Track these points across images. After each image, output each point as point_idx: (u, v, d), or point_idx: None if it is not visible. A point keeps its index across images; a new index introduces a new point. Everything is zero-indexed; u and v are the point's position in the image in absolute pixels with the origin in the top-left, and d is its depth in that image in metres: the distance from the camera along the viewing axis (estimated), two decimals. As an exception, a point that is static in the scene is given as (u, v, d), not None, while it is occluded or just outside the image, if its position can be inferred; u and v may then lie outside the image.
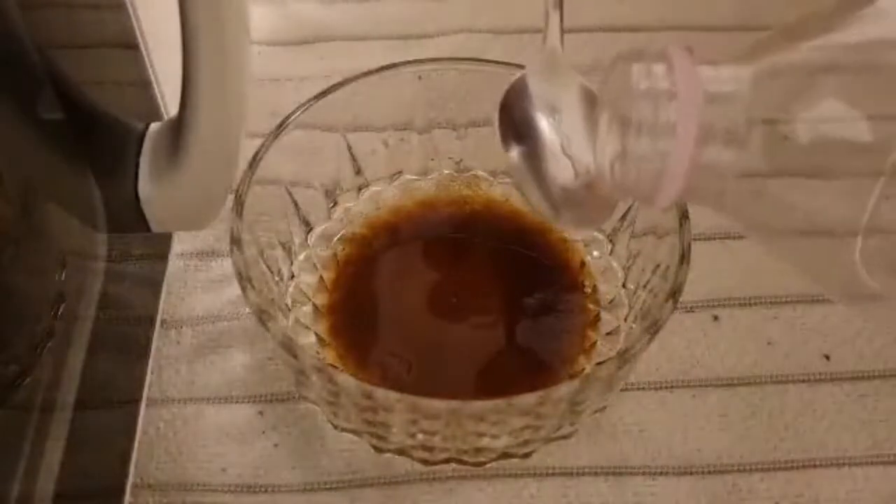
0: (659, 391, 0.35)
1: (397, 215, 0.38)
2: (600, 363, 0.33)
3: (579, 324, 0.34)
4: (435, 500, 0.32)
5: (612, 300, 0.35)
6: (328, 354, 0.34)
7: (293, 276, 0.35)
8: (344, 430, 0.32)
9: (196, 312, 0.37)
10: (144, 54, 0.34)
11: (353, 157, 0.37)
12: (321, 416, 0.33)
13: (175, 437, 0.33)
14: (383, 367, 0.33)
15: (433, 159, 0.38)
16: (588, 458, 0.33)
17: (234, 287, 0.30)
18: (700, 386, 0.35)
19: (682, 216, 0.30)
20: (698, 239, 0.30)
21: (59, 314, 0.26)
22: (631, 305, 0.33)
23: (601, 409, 0.33)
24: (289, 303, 0.34)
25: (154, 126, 0.29)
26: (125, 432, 0.33)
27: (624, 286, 0.34)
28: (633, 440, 0.33)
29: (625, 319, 0.34)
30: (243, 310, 0.37)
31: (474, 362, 0.34)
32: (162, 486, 0.32)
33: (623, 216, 0.35)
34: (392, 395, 0.27)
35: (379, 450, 0.32)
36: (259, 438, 0.34)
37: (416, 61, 0.35)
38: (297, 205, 0.35)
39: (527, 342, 0.34)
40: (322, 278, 0.36)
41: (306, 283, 0.35)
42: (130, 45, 0.33)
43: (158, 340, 0.36)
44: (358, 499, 0.32)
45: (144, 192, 0.28)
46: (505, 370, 0.33)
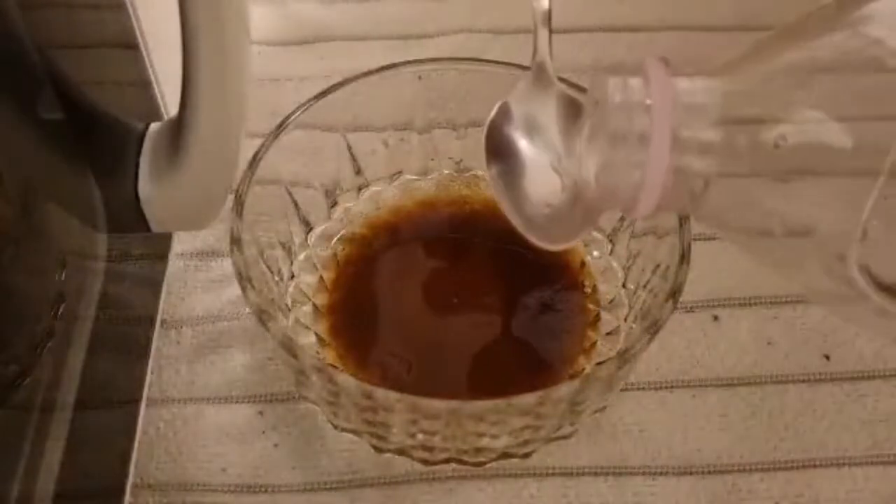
0: (659, 391, 0.35)
1: (397, 215, 0.38)
2: (600, 363, 0.33)
3: (579, 324, 0.34)
4: (435, 500, 0.32)
5: (612, 300, 0.35)
6: (328, 354, 0.34)
7: (293, 276, 0.35)
8: (344, 430, 0.32)
9: (196, 312, 0.37)
10: (144, 54, 0.34)
11: (353, 157, 0.37)
12: (321, 416, 0.33)
13: (175, 437, 0.33)
14: (383, 367, 0.33)
15: (433, 159, 0.38)
16: (588, 458, 0.33)
17: (234, 287, 0.30)
18: (700, 386, 0.35)
19: (683, 216, 0.30)
20: (698, 239, 0.30)
21: (59, 314, 0.26)
22: (631, 305, 0.33)
23: (601, 409, 0.33)
24: (289, 303, 0.34)
25: (154, 126, 0.29)
26: (125, 432, 0.33)
27: (624, 286, 0.34)
28: (633, 440, 0.33)
29: (625, 319, 0.34)
30: (243, 310, 0.37)
31: (474, 362, 0.34)
32: (162, 486, 0.32)
33: (623, 216, 0.35)
34: (392, 395, 0.27)
35: (379, 450, 0.32)
36: (259, 438, 0.34)
37: (416, 61, 0.35)
38: (297, 205, 0.35)
39: (527, 342, 0.34)
40: (322, 278, 0.36)
41: (306, 283, 0.35)
42: (130, 45, 0.33)
43: (158, 340, 0.36)
44: (358, 499, 0.32)
45: (144, 192, 0.28)
46: (505, 370, 0.33)
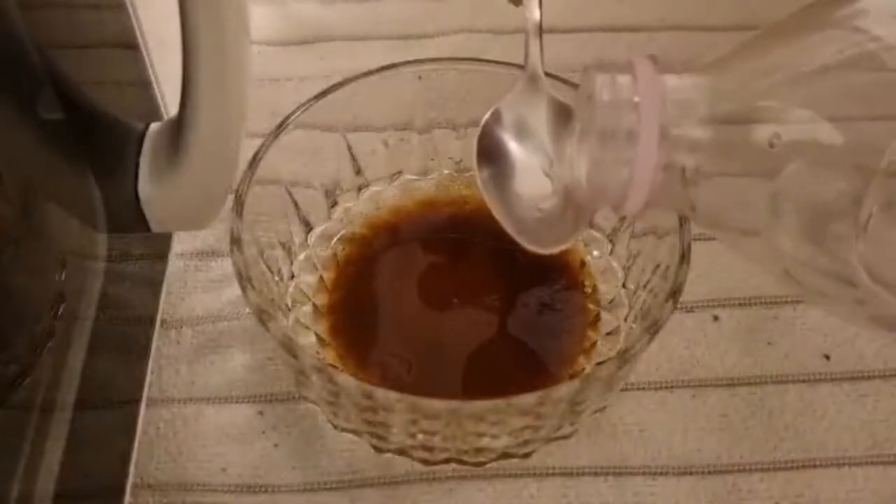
0: (659, 391, 0.35)
1: (397, 215, 0.38)
2: (600, 363, 0.33)
3: (579, 324, 0.34)
4: (435, 500, 0.32)
5: (612, 300, 0.35)
6: (328, 354, 0.34)
7: (293, 276, 0.35)
8: (344, 430, 0.32)
9: (196, 312, 0.37)
10: (144, 54, 0.34)
11: (353, 157, 0.37)
12: (321, 416, 0.33)
13: (175, 437, 0.33)
14: (383, 367, 0.33)
15: (433, 159, 0.38)
16: (588, 458, 0.33)
17: (234, 287, 0.30)
18: (700, 386, 0.35)
19: (683, 216, 0.30)
20: (698, 239, 0.30)
21: (59, 314, 0.26)
22: (631, 305, 0.33)
23: (601, 409, 0.33)
24: (289, 303, 0.34)
25: (154, 126, 0.29)
26: (125, 432, 0.33)
27: (624, 286, 0.34)
28: (634, 440, 0.33)
29: (625, 319, 0.34)
30: (243, 310, 0.37)
31: (474, 362, 0.34)
32: (162, 486, 0.32)
33: (623, 216, 0.35)
34: (392, 395, 0.27)
35: (379, 450, 0.32)
36: (259, 438, 0.34)
37: (416, 61, 0.35)
38: (297, 205, 0.35)
39: (526, 342, 0.34)
40: (322, 278, 0.36)
41: (306, 283, 0.35)
42: (130, 45, 0.33)
43: (158, 340, 0.36)
44: (358, 499, 0.32)
45: (144, 192, 0.28)
46: (505, 370, 0.33)
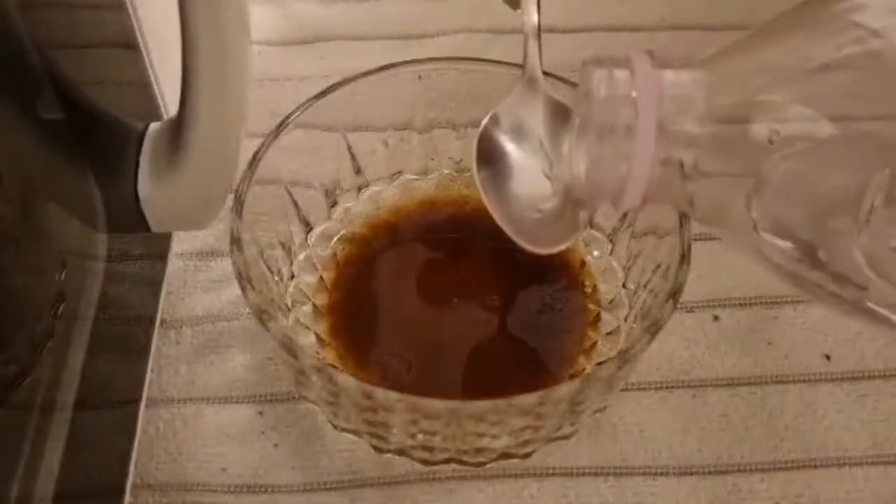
0: (659, 391, 0.35)
1: (397, 215, 0.38)
2: (600, 363, 0.33)
3: (579, 324, 0.34)
4: (435, 500, 0.32)
5: (613, 300, 0.35)
6: (328, 354, 0.34)
7: (293, 276, 0.35)
8: (344, 430, 0.32)
9: (196, 312, 0.37)
10: (144, 54, 0.34)
11: (353, 156, 0.37)
12: (321, 416, 0.33)
13: (175, 437, 0.33)
14: (383, 367, 0.33)
15: (433, 159, 0.38)
16: (588, 458, 0.33)
17: (234, 287, 0.30)
18: (700, 386, 0.35)
19: (683, 216, 0.30)
20: (699, 239, 0.30)
21: (59, 314, 0.26)
22: (631, 305, 0.33)
23: (601, 410, 0.33)
24: (289, 303, 0.34)
25: (154, 126, 0.29)
26: (125, 432, 0.33)
27: (624, 286, 0.34)
28: (634, 440, 0.33)
29: (625, 319, 0.33)
30: (243, 310, 0.37)
31: (474, 362, 0.34)
32: (162, 486, 0.32)
33: (623, 216, 0.35)
34: (392, 395, 0.27)
35: (379, 450, 0.32)
36: (259, 438, 0.34)
37: (416, 61, 0.35)
38: (296, 205, 0.35)
39: (527, 342, 0.34)
40: (322, 278, 0.36)
41: (306, 283, 0.35)
42: (130, 45, 0.33)
43: (158, 340, 0.36)
44: (358, 499, 0.32)
45: (144, 192, 0.28)
46: (505, 370, 0.33)
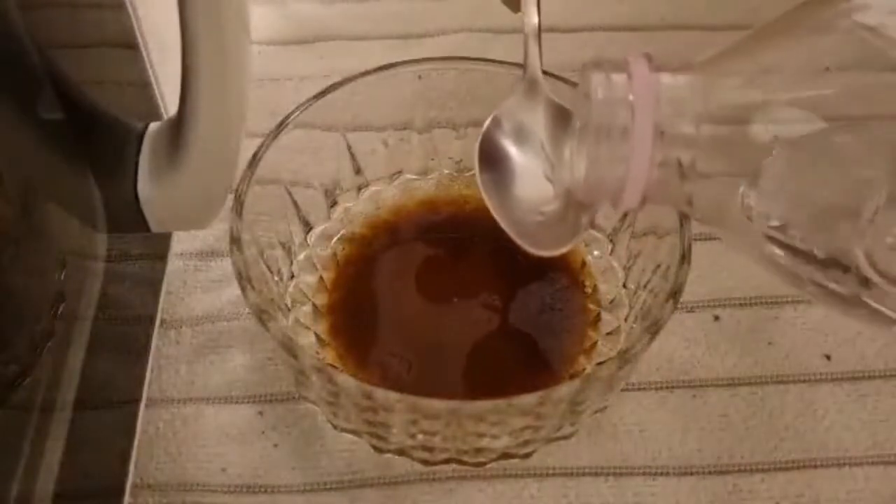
0: (659, 391, 0.35)
1: (397, 215, 0.38)
2: (601, 363, 0.33)
3: (580, 324, 0.34)
4: (435, 500, 0.32)
5: (613, 300, 0.34)
6: (328, 354, 0.34)
7: (293, 276, 0.35)
8: (344, 430, 0.32)
9: (196, 312, 0.37)
10: (144, 54, 0.34)
11: (352, 156, 0.37)
12: (321, 416, 0.33)
13: (175, 437, 0.33)
14: (383, 367, 0.33)
15: (433, 159, 0.38)
16: (588, 458, 0.33)
17: (234, 287, 0.30)
18: (701, 386, 0.35)
19: (683, 216, 0.30)
20: (699, 239, 0.30)
21: (59, 314, 0.26)
22: (631, 305, 0.33)
23: (602, 410, 0.33)
24: (289, 303, 0.34)
25: (154, 126, 0.29)
26: (125, 432, 0.33)
27: (624, 286, 0.34)
28: (634, 440, 0.33)
29: (625, 319, 0.33)
30: (243, 310, 0.36)
31: (474, 362, 0.34)
32: (162, 486, 0.32)
33: (623, 216, 0.35)
34: (392, 395, 0.27)
35: (379, 450, 0.32)
36: (259, 438, 0.34)
37: (416, 61, 0.35)
38: (296, 204, 0.35)
39: (527, 342, 0.34)
40: (322, 278, 0.36)
41: (306, 283, 0.35)
42: (130, 45, 0.33)
43: (158, 340, 0.36)
44: (358, 499, 0.32)
45: (144, 192, 0.28)
46: (505, 370, 0.33)
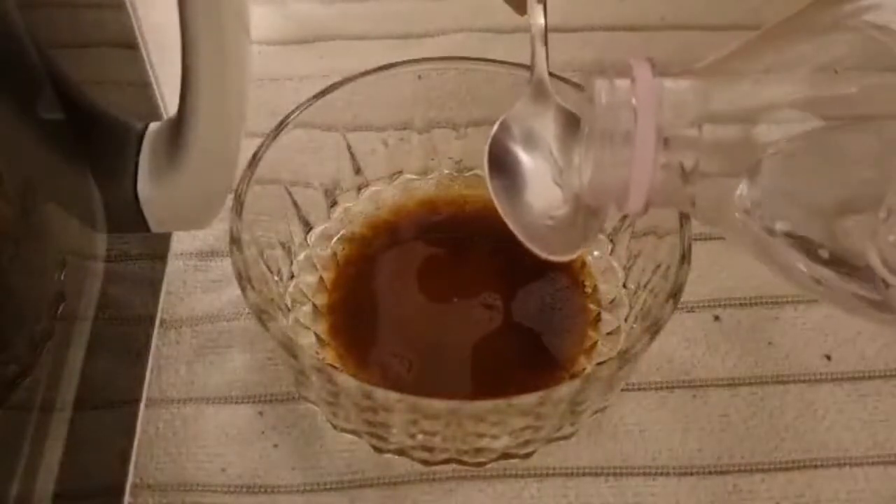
0: (660, 391, 0.35)
1: (397, 215, 0.38)
2: (601, 363, 0.33)
3: (580, 324, 0.34)
4: (435, 500, 0.32)
5: (613, 300, 0.34)
6: (328, 354, 0.34)
7: (293, 276, 0.35)
8: (344, 430, 0.32)
9: (196, 312, 0.37)
10: (144, 54, 0.34)
11: (352, 156, 0.37)
12: (321, 416, 0.33)
13: (175, 437, 0.33)
14: (383, 367, 0.33)
15: (433, 159, 0.38)
16: (588, 458, 0.33)
17: (234, 287, 0.30)
18: (701, 386, 0.35)
19: (683, 216, 0.30)
20: (699, 239, 0.30)
21: (59, 314, 0.26)
22: (631, 305, 0.33)
23: (602, 410, 0.33)
24: (288, 303, 0.34)
25: (153, 126, 0.29)
26: (125, 432, 0.33)
27: (624, 286, 0.34)
28: (634, 440, 0.33)
29: (625, 319, 0.33)
30: (243, 310, 0.36)
31: (474, 362, 0.34)
32: (161, 486, 0.32)
33: (623, 216, 0.35)
34: (392, 395, 0.27)
35: (379, 450, 0.32)
36: (259, 439, 0.34)
37: (416, 61, 0.35)
38: (296, 204, 0.35)
39: (527, 342, 0.34)
40: (322, 278, 0.36)
41: (306, 283, 0.35)
42: (130, 45, 0.33)
43: (158, 340, 0.36)
44: (358, 499, 0.32)
45: (144, 192, 0.28)
46: (505, 370, 0.33)
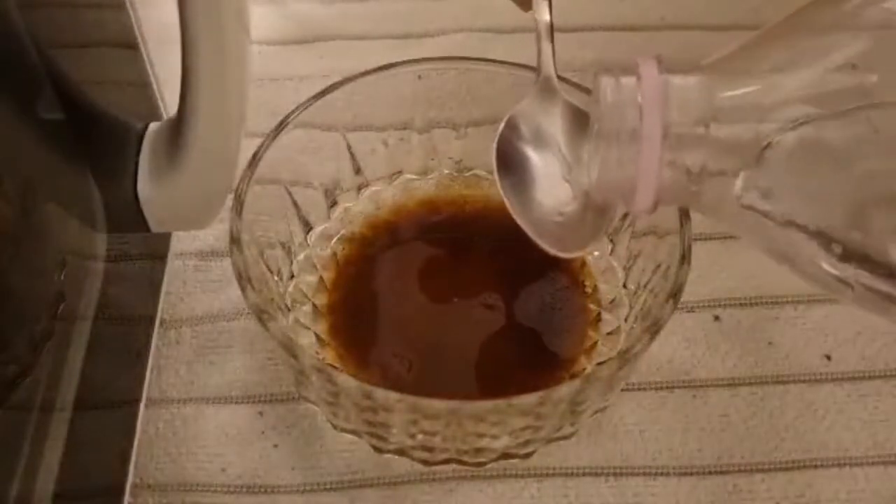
0: (660, 391, 0.35)
1: (397, 215, 0.38)
2: (601, 363, 0.33)
3: (580, 324, 0.34)
4: (435, 500, 0.32)
5: (613, 300, 0.34)
6: (328, 354, 0.34)
7: (293, 276, 0.35)
8: (344, 430, 0.32)
9: (196, 313, 0.37)
10: (144, 54, 0.34)
11: (352, 156, 0.37)
12: (321, 416, 0.33)
13: (175, 437, 0.33)
14: (383, 367, 0.33)
15: (433, 159, 0.38)
16: (588, 458, 0.33)
17: (234, 287, 0.30)
18: (701, 386, 0.35)
19: (683, 216, 0.30)
20: (699, 239, 0.30)
21: (59, 314, 0.26)
22: (631, 305, 0.33)
23: (602, 410, 0.33)
24: (289, 303, 0.34)
25: (153, 126, 0.29)
26: (125, 432, 0.33)
27: (624, 286, 0.34)
28: (634, 440, 0.33)
29: (625, 319, 0.33)
30: (243, 310, 0.36)
31: (474, 362, 0.34)
32: (161, 486, 0.32)
33: (624, 216, 0.35)
34: (392, 395, 0.27)
35: (379, 450, 0.32)
36: (259, 439, 0.34)
37: (416, 61, 0.35)
38: (296, 204, 0.35)
39: (527, 342, 0.34)
40: (322, 278, 0.36)
41: (306, 283, 0.35)
42: (130, 45, 0.33)
43: (158, 340, 0.36)
44: (358, 499, 0.32)
45: (144, 192, 0.28)
46: (505, 370, 0.33)
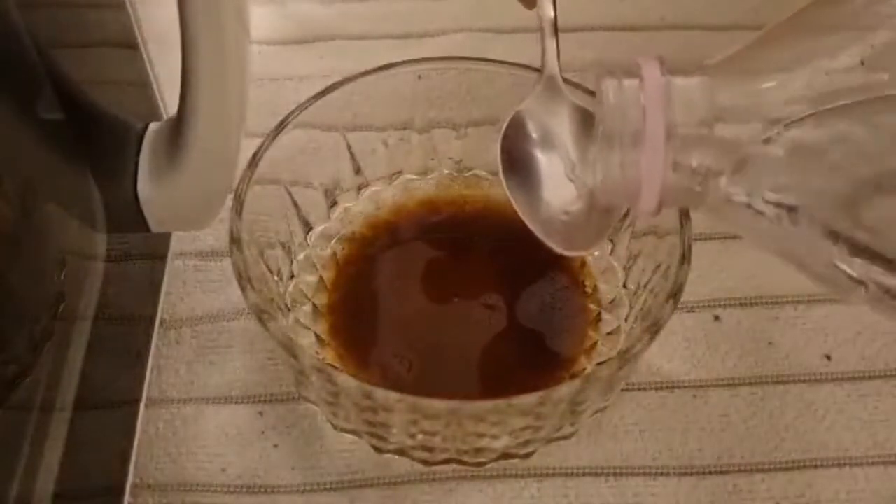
0: (660, 391, 0.35)
1: (397, 215, 0.38)
2: (601, 363, 0.33)
3: (580, 324, 0.34)
4: (435, 500, 0.32)
5: (613, 300, 0.34)
6: (328, 354, 0.34)
7: (293, 276, 0.35)
8: (344, 430, 0.32)
9: (196, 313, 0.37)
10: (144, 54, 0.34)
11: (352, 156, 0.37)
12: (321, 416, 0.33)
13: (175, 437, 0.33)
14: (383, 367, 0.33)
15: (433, 159, 0.38)
16: (589, 458, 0.33)
17: (233, 287, 0.30)
18: (701, 386, 0.35)
19: (683, 216, 0.30)
20: (699, 239, 0.30)
21: (59, 314, 0.26)
22: (631, 305, 0.33)
23: (602, 410, 0.33)
24: (288, 303, 0.34)
25: (153, 126, 0.29)
26: (125, 432, 0.33)
27: (624, 286, 0.34)
28: (634, 440, 0.33)
29: (625, 319, 0.33)
30: (243, 310, 0.36)
31: (474, 362, 0.34)
32: (161, 486, 0.32)
33: (624, 216, 0.35)
34: (392, 395, 0.27)
35: (379, 450, 0.32)
36: (259, 439, 0.34)
37: (416, 60, 0.35)
38: (296, 204, 0.35)
39: (527, 342, 0.34)
40: (322, 278, 0.36)
41: (306, 283, 0.35)
42: (130, 45, 0.33)
43: (158, 340, 0.36)
44: (358, 499, 0.32)
45: (144, 192, 0.28)
46: (505, 370, 0.33)
